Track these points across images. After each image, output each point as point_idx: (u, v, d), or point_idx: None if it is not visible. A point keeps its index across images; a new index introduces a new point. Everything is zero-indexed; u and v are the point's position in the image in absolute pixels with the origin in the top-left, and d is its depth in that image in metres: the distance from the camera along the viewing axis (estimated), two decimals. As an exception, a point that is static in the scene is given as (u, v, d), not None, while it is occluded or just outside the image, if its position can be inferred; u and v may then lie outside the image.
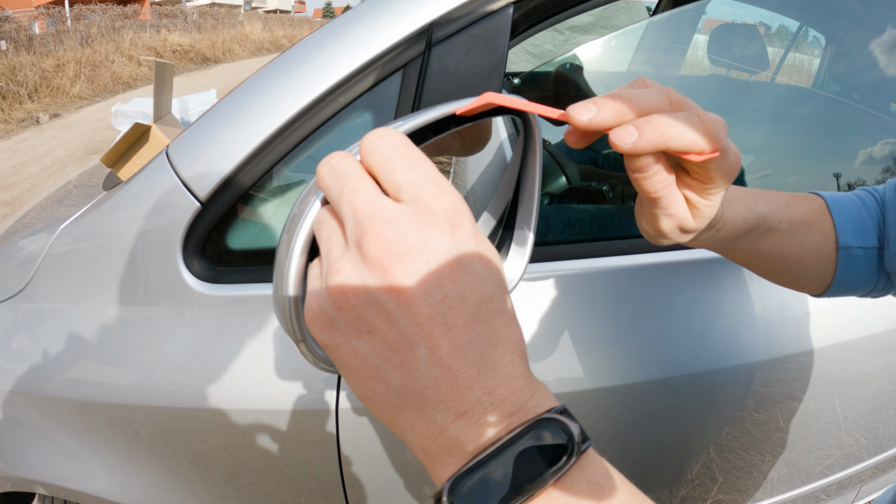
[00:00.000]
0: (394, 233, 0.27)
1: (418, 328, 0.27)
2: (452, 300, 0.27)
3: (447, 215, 0.27)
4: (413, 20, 0.75)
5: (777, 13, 1.95)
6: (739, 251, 0.52)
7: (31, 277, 0.90)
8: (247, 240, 0.83)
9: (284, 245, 0.33)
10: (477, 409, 0.26)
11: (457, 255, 0.27)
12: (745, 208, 0.48)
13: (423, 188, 0.28)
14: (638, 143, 0.34)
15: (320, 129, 0.78)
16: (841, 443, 1.05)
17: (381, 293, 0.27)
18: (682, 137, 0.34)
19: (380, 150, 0.29)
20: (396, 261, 0.26)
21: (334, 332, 0.28)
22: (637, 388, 0.86)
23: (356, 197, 0.28)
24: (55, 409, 0.87)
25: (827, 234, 0.53)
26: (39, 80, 8.30)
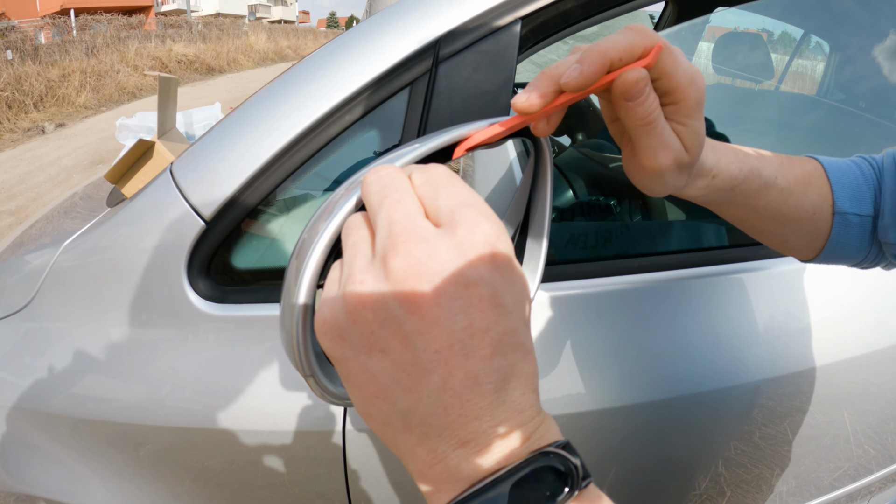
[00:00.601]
0: (426, 252, 0.26)
1: (435, 354, 0.26)
2: (475, 330, 0.26)
3: (485, 242, 0.26)
4: (419, 36, 0.75)
5: (781, 21, 1.95)
6: (736, 206, 0.51)
7: (35, 294, 0.89)
8: (252, 259, 0.82)
9: (293, 272, 0.32)
10: (481, 439, 0.26)
11: (488, 283, 0.26)
12: (738, 159, 0.48)
13: (462, 212, 0.27)
14: (584, 70, 0.35)
15: (326, 147, 0.77)
16: (850, 455, 1.04)
17: (403, 313, 0.26)
18: (620, 42, 0.36)
19: (427, 182, 0.29)
20: (424, 281, 0.25)
21: (344, 344, 0.27)
22: (647, 408, 0.85)
23: (396, 209, 0.27)
24: (57, 426, 0.86)
25: (824, 197, 0.53)
26: (45, 90, 8.35)
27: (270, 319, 0.81)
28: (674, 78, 0.38)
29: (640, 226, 1.14)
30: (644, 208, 1.17)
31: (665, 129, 0.40)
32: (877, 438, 1.04)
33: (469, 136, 0.36)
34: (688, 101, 0.39)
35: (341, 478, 0.85)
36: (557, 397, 0.83)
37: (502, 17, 0.74)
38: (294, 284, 0.31)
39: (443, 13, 0.75)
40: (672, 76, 0.38)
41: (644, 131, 0.39)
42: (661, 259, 0.90)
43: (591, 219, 1.14)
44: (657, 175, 0.42)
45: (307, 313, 0.31)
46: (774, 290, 0.91)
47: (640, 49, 0.36)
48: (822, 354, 0.91)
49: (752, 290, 0.90)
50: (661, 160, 0.41)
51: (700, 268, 0.89)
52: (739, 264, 0.90)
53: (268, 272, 0.83)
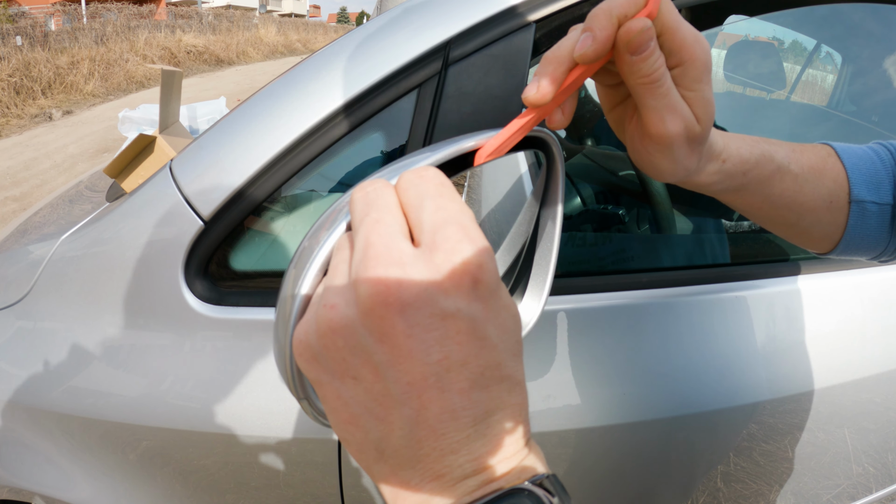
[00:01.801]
0: (397, 280, 0.24)
1: (408, 387, 0.24)
2: (452, 363, 0.24)
3: (466, 267, 0.24)
4: (430, 37, 0.73)
5: (793, 30, 1.93)
6: (750, 194, 0.48)
7: (31, 288, 0.88)
8: (251, 261, 0.80)
9: (290, 283, 0.30)
10: (456, 473, 0.25)
11: (467, 315, 0.24)
12: (747, 143, 0.46)
13: (445, 231, 0.25)
14: (597, 35, 0.33)
15: (330, 148, 0.75)
16: (850, 473, 1.03)
17: (372, 342, 0.24)
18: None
19: (415, 186, 0.27)
20: (395, 311, 0.24)
21: (318, 367, 0.26)
22: (647, 426, 0.84)
23: (373, 230, 0.25)
24: (50, 423, 0.86)
25: (840, 184, 0.50)
26: (53, 77, 8.37)
27: (268, 323, 0.79)
28: (677, 33, 0.36)
29: (641, 239, 1.12)
30: (653, 218, 1.15)
31: (672, 90, 0.37)
32: (877, 457, 1.03)
33: (481, 146, 0.34)
34: (694, 60, 0.37)
35: (335, 482, 0.84)
36: (557, 412, 0.82)
37: (515, 20, 0.71)
38: (290, 297, 0.29)
39: (454, 15, 0.73)
40: (676, 31, 0.36)
41: (650, 91, 0.37)
42: (662, 275, 0.89)
43: (598, 227, 1.12)
44: (666, 147, 0.39)
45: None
46: (776, 308, 0.90)
47: (643, 1, 0.34)
48: (825, 374, 0.90)
49: (754, 308, 0.89)
50: (669, 126, 0.38)
51: (702, 285, 0.88)
52: (741, 283, 0.89)
53: (266, 274, 0.81)
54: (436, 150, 0.33)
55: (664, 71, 0.36)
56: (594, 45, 0.33)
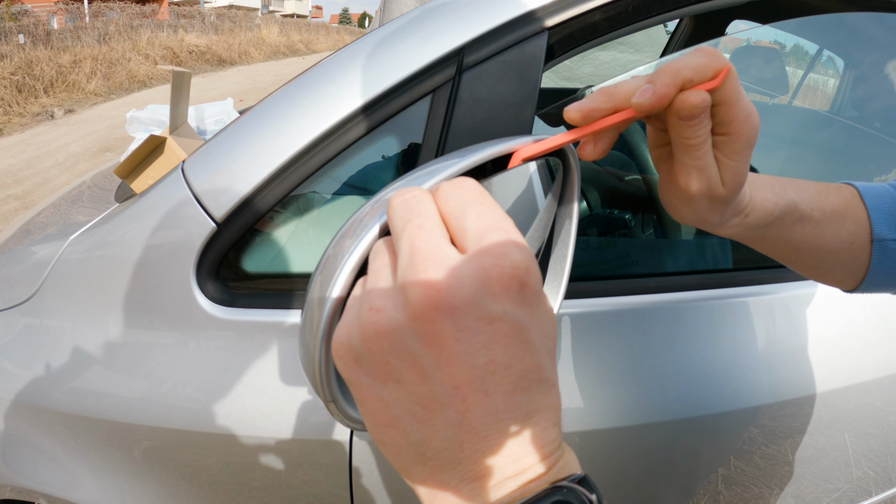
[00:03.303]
0: (448, 283, 0.24)
1: (453, 390, 0.24)
2: (497, 366, 0.24)
3: (514, 271, 0.25)
4: (444, 43, 0.73)
5: (795, 35, 1.93)
6: (770, 241, 0.50)
7: (38, 288, 0.88)
8: (263, 264, 0.81)
9: (318, 288, 0.30)
10: (496, 474, 0.25)
11: (514, 319, 0.25)
12: (775, 194, 0.47)
13: (490, 237, 0.25)
14: (658, 90, 0.34)
15: (344, 152, 0.75)
16: (850, 476, 1.04)
17: (420, 346, 0.24)
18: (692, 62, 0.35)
19: (455, 196, 0.27)
20: (445, 315, 0.24)
21: (359, 370, 0.26)
22: (649, 428, 0.85)
23: (418, 235, 0.26)
24: (55, 422, 0.86)
25: (861, 225, 0.51)
26: (55, 75, 8.36)
27: (279, 325, 0.80)
28: (733, 108, 0.37)
29: (644, 244, 1.12)
30: (658, 223, 1.15)
31: (707, 155, 0.39)
32: (877, 461, 1.04)
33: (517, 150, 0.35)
34: (740, 136, 0.38)
35: (343, 483, 0.84)
36: (569, 408, 0.82)
37: (529, 26, 0.72)
38: (318, 302, 0.30)
39: (468, 21, 0.73)
40: (732, 106, 0.37)
41: (686, 150, 0.39)
42: (666, 280, 0.89)
43: (604, 232, 1.12)
44: (687, 199, 0.42)
45: (332, 333, 0.30)
46: (779, 313, 0.91)
47: (711, 71, 0.35)
48: (827, 379, 0.91)
49: (757, 313, 0.90)
50: (693, 183, 0.40)
51: (705, 290, 0.88)
52: (744, 288, 0.90)
53: (279, 277, 0.81)
54: (468, 154, 0.33)
55: (706, 139, 0.38)
56: (651, 99, 0.35)
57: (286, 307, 0.80)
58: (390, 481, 0.84)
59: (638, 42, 3.53)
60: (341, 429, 0.80)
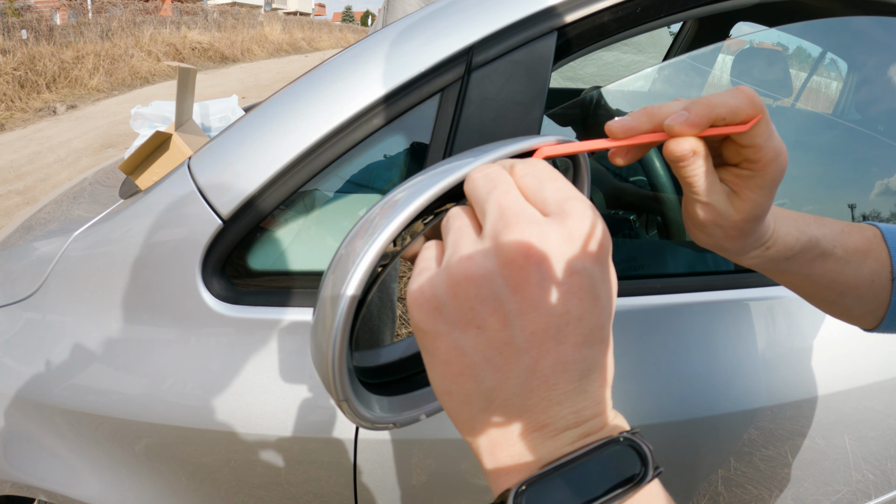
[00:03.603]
0: (538, 236, 0.26)
1: (531, 336, 0.26)
2: (571, 318, 0.26)
3: (593, 231, 0.27)
4: (453, 42, 0.73)
5: (798, 37, 1.93)
6: (792, 275, 0.50)
7: (42, 284, 0.88)
8: (269, 261, 0.80)
9: (330, 287, 0.30)
10: (559, 423, 0.26)
11: (590, 275, 0.27)
12: (797, 229, 0.48)
13: (571, 204, 0.27)
14: (690, 118, 0.35)
15: (351, 150, 0.75)
16: (849, 479, 1.04)
17: (507, 291, 0.26)
18: (729, 102, 0.36)
19: (531, 174, 0.29)
20: (533, 262, 0.26)
21: (439, 318, 0.27)
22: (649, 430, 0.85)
23: (505, 198, 0.28)
24: (57, 418, 0.86)
25: (883, 264, 0.51)
26: (58, 71, 8.36)
27: (284, 323, 0.80)
28: (760, 151, 0.38)
29: (647, 246, 1.12)
30: (662, 225, 1.15)
31: (709, 191, 0.40)
32: (877, 464, 1.04)
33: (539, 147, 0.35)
34: (765, 175, 0.39)
35: (346, 482, 0.84)
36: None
37: (538, 27, 0.72)
38: (332, 302, 0.30)
39: (477, 20, 0.73)
40: (760, 149, 0.38)
41: (685, 185, 0.40)
42: (669, 282, 0.89)
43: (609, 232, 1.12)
44: (699, 225, 0.43)
45: (345, 333, 0.30)
46: (780, 315, 0.91)
47: (744, 115, 0.36)
48: (827, 381, 0.91)
49: (758, 315, 0.90)
50: (699, 212, 0.41)
51: (707, 292, 0.89)
52: (746, 290, 0.90)
53: (284, 275, 0.81)
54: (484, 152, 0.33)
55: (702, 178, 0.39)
56: (682, 125, 0.36)
57: (291, 305, 0.80)
58: (395, 480, 0.84)
59: (642, 43, 3.52)
60: (343, 427, 0.80)
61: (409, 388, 0.37)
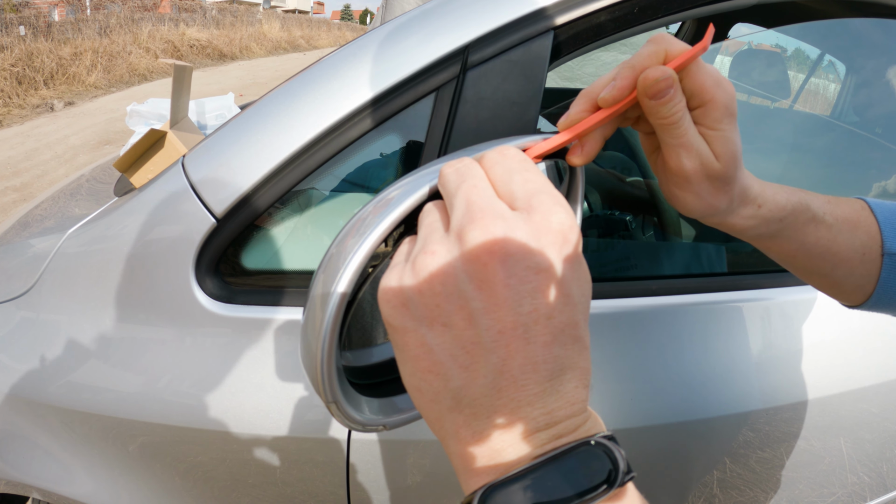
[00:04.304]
0: (503, 230, 0.25)
1: (498, 335, 0.25)
2: (540, 316, 0.26)
3: (559, 231, 0.26)
4: (448, 41, 0.72)
5: (796, 39, 1.93)
6: (786, 241, 0.49)
7: (36, 282, 0.87)
8: (263, 260, 0.80)
9: (320, 286, 0.30)
10: (530, 425, 0.26)
11: (559, 272, 0.26)
12: (785, 190, 0.47)
13: (539, 198, 0.27)
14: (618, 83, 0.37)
15: (346, 149, 0.75)
16: (845, 482, 1.04)
17: (472, 289, 0.26)
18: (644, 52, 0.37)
19: (501, 163, 0.29)
20: (497, 259, 0.25)
21: (406, 314, 0.27)
22: (645, 432, 0.85)
23: (472, 192, 0.27)
24: (51, 417, 0.86)
25: (872, 237, 0.51)
26: (56, 68, 8.34)
27: (277, 322, 0.79)
28: (698, 77, 0.38)
29: (643, 247, 1.12)
30: (658, 226, 1.15)
31: (689, 130, 0.39)
32: (873, 467, 1.04)
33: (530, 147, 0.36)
34: (715, 102, 0.38)
35: (339, 481, 0.84)
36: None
37: (534, 26, 0.71)
38: (321, 301, 0.29)
39: (473, 19, 0.73)
40: (696, 75, 0.38)
41: (667, 130, 0.39)
42: (664, 283, 0.89)
43: (604, 234, 1.12)
44: (685, 181, 0.41)
45: (335, 333, 0.30)
46: (776, 318, 0.91)
47: (663, 54, 0.37)
48: (823, 384, 0.91)
49: (754, 317, 0.90)
50: (685, 162, 0.40)
51: (703, 294, 0.88)
52: (742, 292, 0.90)
53: (278, 274, 0.81)
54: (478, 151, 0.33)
55: (682, 115, 0.38)
56: (612, 92, 0.36)
57: (285, 304, 0.79)
58: (388, 479, 0.84)
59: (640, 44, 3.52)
60: (338, 427, 0.80)
61: (399, 390, 0.37)
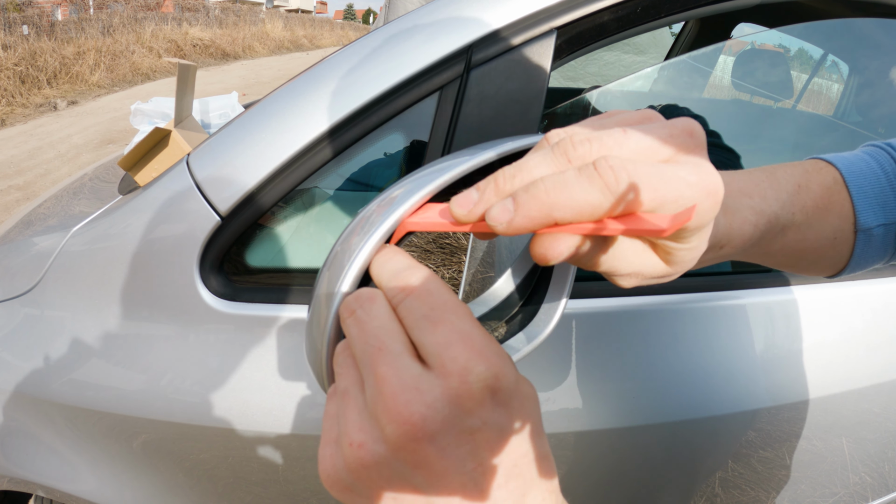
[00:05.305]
0: (421, 411, 0.24)
1: (451, 497, 0.25)
2: (487, 467, 0.25)
3: (480, 385, 0.24)
4: (452, 40, 0.73)
5: (800, 39, 1.93)
6: (747, 257, 0.45)
7: (40, 279, 0.88)
8: (267, 258, 0.80)
9: (325, 285, 0.30)
10: None
11: (493, 425, 0.25)
12: (754, 212, 0.40)
13: (451, 353, 0.24)
14: (515, 220, 0.25)
15: (350, 148, 0.75)
16: (846, 482, 1.04)
17: (408, 470, 0.25)
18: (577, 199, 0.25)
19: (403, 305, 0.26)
20: (424, 442, 0.24)
21: (353, 496, 0.27)
22: (647, 430, 0.85)
23: (379, 360, 0.25)
24: (55, 414, 0.86)
25: (844, 217, 0.46)
26: (59, 67, 8.35)
27: (281, 320, 0.80)
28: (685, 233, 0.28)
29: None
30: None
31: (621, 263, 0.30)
32: (874, 467, 1.04)
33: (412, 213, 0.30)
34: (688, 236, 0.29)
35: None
36: (557, 414, 0.82)
37: (538, 26, 0.72)
38: (326, 299, 0.30)
39: (477, 19, 0.73)
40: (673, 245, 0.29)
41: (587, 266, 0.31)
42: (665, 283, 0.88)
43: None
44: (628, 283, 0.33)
45: (339, 330, 0.30)
46: (779, 317, 0.91)
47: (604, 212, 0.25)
48: (825, 383, 0.91)
49: (757, 317, 0.90)
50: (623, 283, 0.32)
51: (706, 293, 0.88)
52: (745, 291, 0.90)
53: (282, 272, 0.81)
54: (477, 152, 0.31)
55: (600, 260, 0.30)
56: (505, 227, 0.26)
57: (289, 302, 0.80)
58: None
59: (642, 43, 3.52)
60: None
61: None
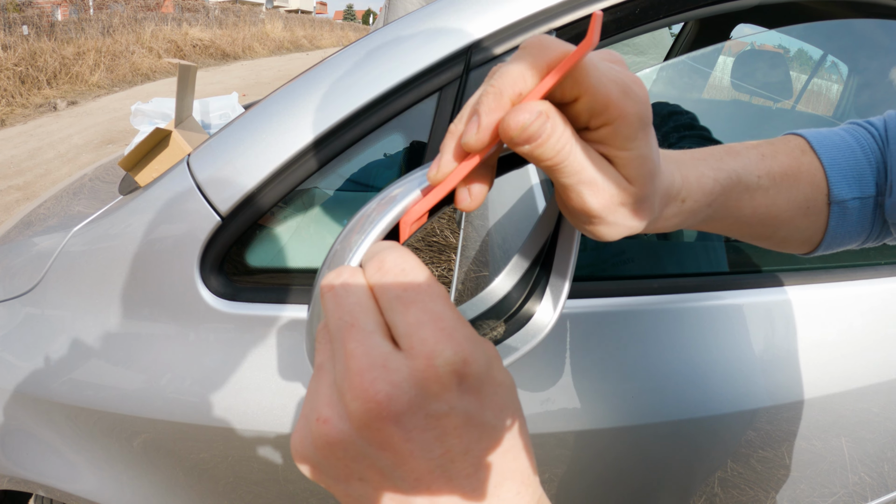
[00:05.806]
0: (386, 392, 0.23)
1: (417, 482, 0.25)
2: (455, 454, 0.24)
3: (450, 367, 0.24)
4: (452, 42, 0.73)
5: (799, 39, 1.93)
6: (719, 221, 0.43)
7: (41, 279, 0.88)
8: (267, 258, 0.81)
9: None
10: None
11: (461, 411, 0.24)
12: (712, 168, 0.40)
13: (420, 335, 0.24)
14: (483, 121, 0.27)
15: (349, 149, 0.75)
16: (846, 481, 1.04)
17: (374, 451, 0.24)
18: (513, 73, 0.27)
19: (379, 287, 0.26)
20: (390, 422, 0.23)
21: (321, 475, 0.26)
22: (645, 429, 0.85)
23: (350, 336, 0.25)
24: (56, 413, 0.86)
25: (817, 186, 0.45)
26: (59, 67, 8.36)
27: (281, 320, 0.80)
28: (598, 91, 0.28)
29: (644, 245, 1.12)
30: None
31: (585, 164, 0.30)
32: (874, 467, 1.04)
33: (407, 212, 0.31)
34: (624, 118, 0.29)
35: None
36: (558, 414, 0.82)
37: (537, 27, 0.72)
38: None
39: (476, 20, 0.73)
40: (595, 90, 0.28)
41: (556, 173, 0.30)
42: (665, 282, 0.89)
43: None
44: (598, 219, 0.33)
45: None
46: (777, 317, 0.91)
47: (543, 69, 0.27)
48: (824, 383, 0.91)
49: (756, 316, 0.90)
50: (589, 201, 0.31)
51: (704, 293, 0.88)
52: (744, 291, 0.90)
53: (282, 272, 0.81)
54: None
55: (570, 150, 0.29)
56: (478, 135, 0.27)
57: (289, 302, 0.80)
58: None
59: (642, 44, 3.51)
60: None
61: None
